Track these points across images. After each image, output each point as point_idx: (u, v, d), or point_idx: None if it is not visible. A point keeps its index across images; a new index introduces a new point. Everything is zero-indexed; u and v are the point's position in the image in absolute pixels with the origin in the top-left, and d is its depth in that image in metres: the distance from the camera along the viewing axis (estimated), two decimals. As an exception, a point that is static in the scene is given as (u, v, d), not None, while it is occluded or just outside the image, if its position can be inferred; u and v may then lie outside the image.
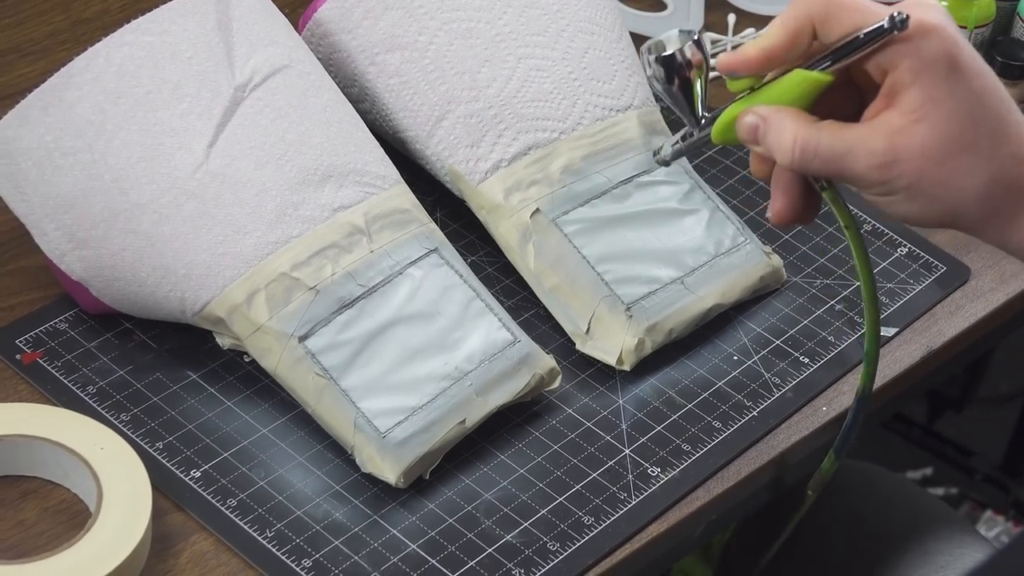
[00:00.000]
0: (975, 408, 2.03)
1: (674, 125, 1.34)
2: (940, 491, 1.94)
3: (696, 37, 0.95)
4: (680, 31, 0.95)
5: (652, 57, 0.95)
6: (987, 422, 2.03)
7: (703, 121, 0.96)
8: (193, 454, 1.06)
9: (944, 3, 1.35)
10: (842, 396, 1.15)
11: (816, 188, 0.93)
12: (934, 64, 0.87)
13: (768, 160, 0.93)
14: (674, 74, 0.95)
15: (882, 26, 0.86)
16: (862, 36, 0.88)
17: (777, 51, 0.90)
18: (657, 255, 1.16)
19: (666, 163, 1.01)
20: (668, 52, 0.94)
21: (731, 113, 0.93)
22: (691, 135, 0.97)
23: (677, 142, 0.99)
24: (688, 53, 0.94)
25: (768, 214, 0.95)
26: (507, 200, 1.16)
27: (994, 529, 1.91)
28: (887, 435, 1.99)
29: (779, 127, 0.90)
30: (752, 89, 0.92)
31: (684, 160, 1.21)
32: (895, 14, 0.86)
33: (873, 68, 0.89)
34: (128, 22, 1.08)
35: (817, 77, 0.90)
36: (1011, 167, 0.88)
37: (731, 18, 1.47)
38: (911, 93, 0.87)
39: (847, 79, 0.91)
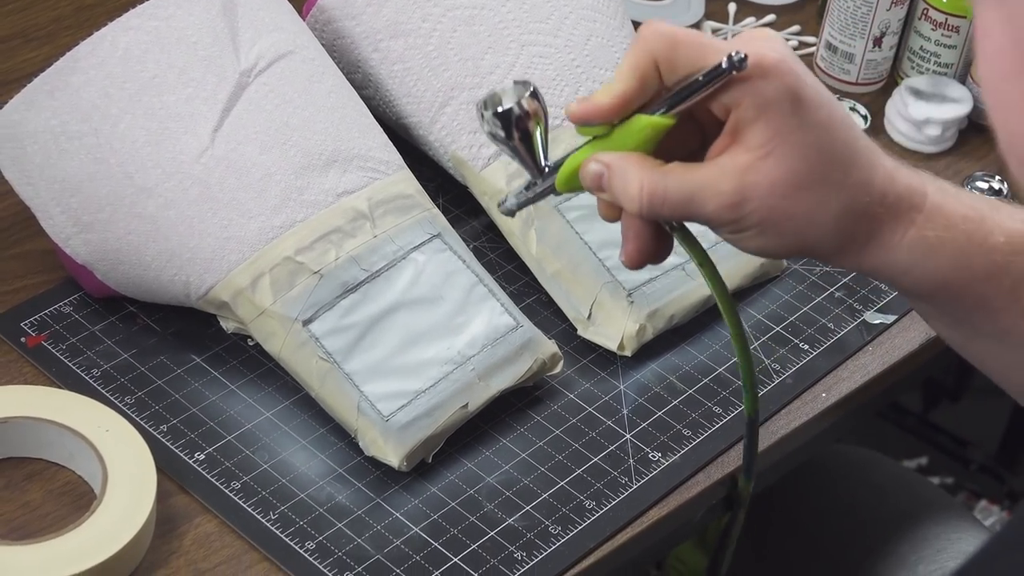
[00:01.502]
0: (970, 398, 2.03)
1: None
2: (935, 481, 1.95)
3: (532, 88, 0.91)
4: (515, 82, 0.92)
5: (489, 112, 0.91)
6: (982, 413, 2.03)
7: (546, 170, 0.93)
8: (197, 437, 1.06)
9: (944, -7, 1.36)
10: (841, 383, 1.15)
11: (667, 229, 0.91)
12: (777, 100, 0.85)
13: (616, 206, 0.90)
14: (512, 127, 0.91)
15: (720, 67, 0.84)
16: (701, 78, 0.85)
17: (629, 96, 0.87)
18: (658, 242, 1.16)
19: (511, 213, 0.97)
20: (505, 106, 0.91)
21: (574, 162, 0.90)
22: (535, 184, 0.94)
23: (521, 192, 0.95)
24: (525, 105, 0.91)
25: (620, 258, 0.92)
26: (509, 186, 1.16)
27: (989, 519, 1.92)
28: (883, 424, 2.00)
29: (624, 175, 0.87)
30: (596, 136, 0.90)
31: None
32: (732, 54, 0.83)
33: (716, 107, 0.86)
34: (132, 8, 1.09)
35: (659, 121, 0.87)
36: (861, 195, 0.87)
37: (732, 7, 1.48)
38: (756, 129, 0.85)
39: (687, 116, 0.89)
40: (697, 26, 1.46)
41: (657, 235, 0.91)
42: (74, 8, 1.37)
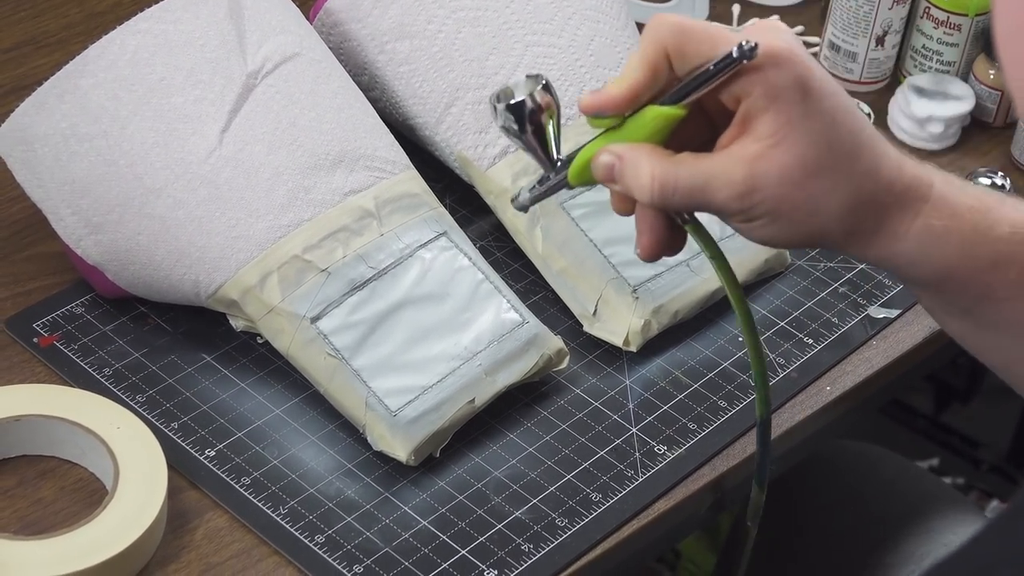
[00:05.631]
0: (982, 399, 2.03)
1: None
2: (947, 481, 1.95)
3: (544, 81, 0.91)
4: (527, 76, 0.92)
5: (502, 105, 0.91)
6: (994, 413, 2.03)
7: (559, 164, 0.93)
8: (208, 434, 1.07)
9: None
10: (845, 376, 1.16)
11: (678, 222, 0.91)
12: (786, 89, 0.85)
13: (629, 198, 0.90)
14: (525, 120, 0.91)
15: (731, 56, 0.84)
16: (712, 68, 0.85)
17: (640, 87, 0.88)
18: (663, 238, 1.17)
19: (524, 208, 0.97)
20: (518, 99, 0.91)
21: (587, 154, 0.90)
22: (548, 179, 0.94)
23: (534, 186, 0.95)
24: (538, 98, 0.91)
25: (636, 251, 0.92)
26: (515, 185, 1.17)
27: (1001, 519, 1.92)
28: (894, 426, 2.00)
29: (636, 165, 0.88)
30: (609, 128, 0.90)
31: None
32: (743, 43, 0.84)
33: (726, 97, 0.87)
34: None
35: (671, 112, 0.88)
36: (868, 184, 0.88)
37: (735, 8, 1.49)
38: (766, 119, 0.86)
39: (698, 107, 0.89)
40: (701, 27, 1.47)
41: (671, 227, 0.91)
42: (84, 15, 1.38)
